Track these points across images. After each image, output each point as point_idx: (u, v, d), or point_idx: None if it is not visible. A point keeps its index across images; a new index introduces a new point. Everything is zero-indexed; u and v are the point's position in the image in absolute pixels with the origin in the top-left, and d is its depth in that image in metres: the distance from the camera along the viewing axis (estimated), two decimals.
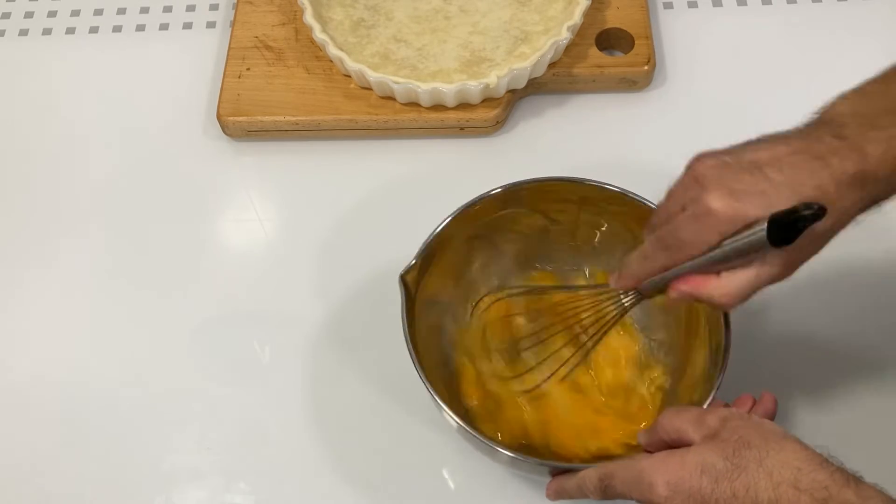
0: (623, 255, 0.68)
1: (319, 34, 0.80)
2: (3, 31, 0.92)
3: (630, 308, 0.61)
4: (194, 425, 0.70)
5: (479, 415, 0.65)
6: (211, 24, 0.91)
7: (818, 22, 0.87)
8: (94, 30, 0.91)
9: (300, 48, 0.84)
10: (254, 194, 0.81)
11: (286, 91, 0.82)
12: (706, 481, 0.47)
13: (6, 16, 0.93)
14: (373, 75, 0.77)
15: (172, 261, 0.77)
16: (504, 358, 0.68)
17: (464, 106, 0.79)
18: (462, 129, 0.80)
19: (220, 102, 0.81)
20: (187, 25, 0.91)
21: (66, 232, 0.79)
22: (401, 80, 0.77)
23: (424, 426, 0.67)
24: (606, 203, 0.66)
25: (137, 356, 0.73)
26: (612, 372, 0.67)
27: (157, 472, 0.68)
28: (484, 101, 0.79)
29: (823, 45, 0.86)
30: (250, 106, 0.81)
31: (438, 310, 0.67)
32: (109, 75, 0.88)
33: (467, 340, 0.68)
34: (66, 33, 0.91)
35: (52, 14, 0.92)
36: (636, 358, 0.67)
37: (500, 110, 0.80)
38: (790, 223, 0.48)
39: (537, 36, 0.81)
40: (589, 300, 0.64)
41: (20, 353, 0.74)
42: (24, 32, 0.91)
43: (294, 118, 0.80)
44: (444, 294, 0.67)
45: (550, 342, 0.67)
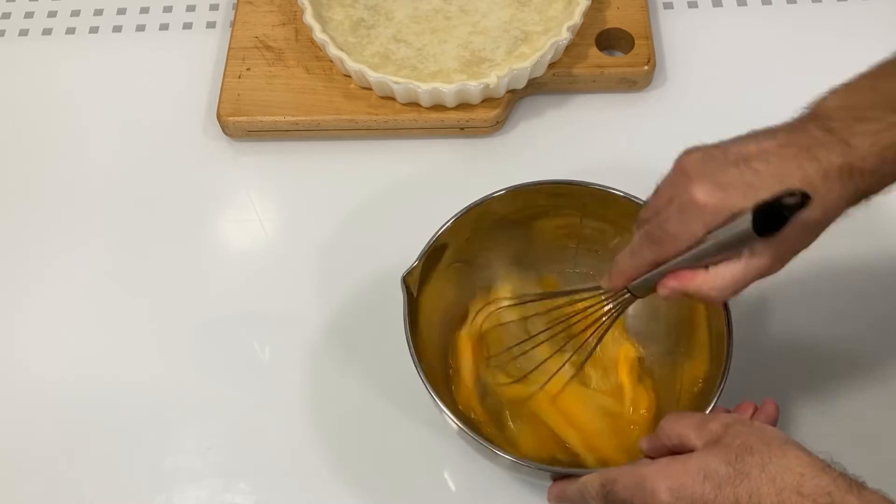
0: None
1: (319, 34, 0.80)
2: (3, 31, 0.92)
3: (623, 310, 0.61)
4: (194, 425, 0.70)
5: (481, 420, 0.65)
6: (211, 24, 0.91)
7: (818, 22, 0.87)
8: (94, 30, 0.91)
9: (300, 48, 0.84)
10: (254, 194, 0.81)
11: (286, 91, 0.82)
12: (709, 487, 0.47)
13: (6, 16, 0.93)
14: (373, 75, 0.77)
15: (172, 261, 0.77)
16: (500, 367, 0.67)
17: (464, 106, 0.79)
18: (462, 129, 0.81)
19: (220, 102, 0.81)
20: (187, 25, 0.91)
21: (66, 232, 0.79)
22: (401, 80, 0.77)
23: (425, 427, 0.67)
24: (609, 206, 0.66)
25: (137, 356, 0.73)
26: (608, 380, 0.67)
27: (157, 472, 0.68)
28: (484, 101, 0.79)
29: (823, 45, 0.86)
30: (250, 106, 0.81)
31: (440, 311, 0.66)
32: (109, 75, 0.88)
33: (466, 346, 0.68)
34: (66, 33, 0.91)
35: (52, 14, 0.92)
36: (634, 366, 0.67)
37: (500, 110, 0.80)
38: (775, 212, 0.48)
39: (537, 36, 0.81)
40: (581, 304, 0.64)
41: (20, 354, 0.74)
42: (24, 32, 0.91)
43: (294, 118, 0.80)
44: (445, 295, 0.67)
45: (544, 349, 0.67)
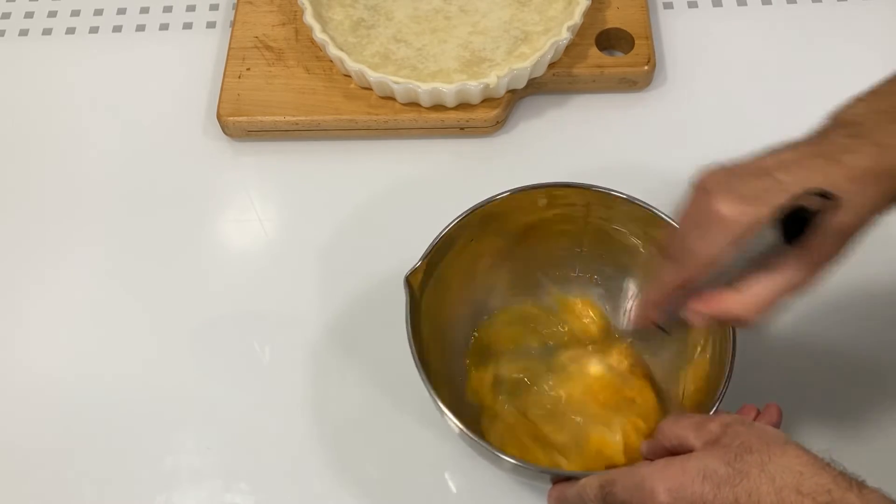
0: (626, 266, 0.68)
1: (319, 34, 0.80)
2: (3, 31, 0.92)
3: (646, 344, 0.59)
4: (194, 425, 0.70)
5: (485, 422, 0.65)
6: (211, 24, 0.91)
7: (818, 22, 0.87)
8: (94, 30, 0.91)
9: (300, 48, 0.84)
10: (254, 194, 0.81)
11: (286, 91, 0.82)
12: (708, 487, 0.47)
13: (6, 16, 0.92)
14: (373, 75, 0.77)
15: (172, 261, 0.77)
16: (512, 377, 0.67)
17: (464, 106, 0.79)
18: (462, 129, 0.80)
19: (220, 102, 0.81)
20: (187, 25, 0.91)
21: (65, 232, 0.79)
22: (401, 80, 0.77)
23: (426, 428, 0.67)
24: (613, 209, 0.65)
25: (137, 356, 0.73)
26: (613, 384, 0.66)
27: (157, 472, 0.68)
28: (484, 101, 0.79)
29: (823, 45, 0.86)
30: (250, 106, 0.81)
31: (443, 313, 0.66)
32: (109, 75, 0.88)
33: (475, 345, 0.68)
34: (66, 33, 0.91)
35: (52, 14, 0.92)
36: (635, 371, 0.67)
37: (500, 110, 0.80)
38: (801, 216, 0.46)
39: (537, 36, 0.81)
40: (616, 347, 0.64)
41: (20, 354, 0.74)
42: (24, 32, 0.91)
43: (294, 118, 0.80)
44: (449, 297, 0.67)
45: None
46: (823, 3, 0.89)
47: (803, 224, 0.46)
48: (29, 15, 0.92)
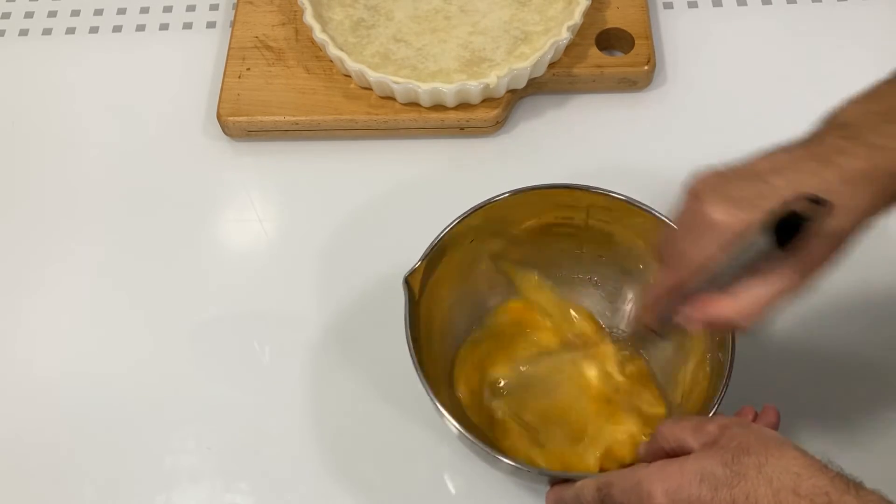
0: (626, 269, 0.68)
1: (319, 34, 0.80)
2: (3, 31, 0.92)
3: (644, 348, 0.59)
4: (194, 425, 0.70)
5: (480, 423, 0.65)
6: (211, 24, 0.91)
7: (818, 22, 0.87)
8: (94, 30, 0.91)
9: (300, 48, 0.84)
10: (254, 194, 0.81)
11: (286, 91, 0.82)
12: (705, 489, 0.47)
13: (6, 16, 0.92)
14: (373, 75, 0.77)
15: (172, 261, 0.77)
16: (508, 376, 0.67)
17: (464, 106, 0.79)
18: (462, 129, 0.81)
19: (220, 102, 0.81)
20: (187, 25, 0.91)
21: (65, 232, 0.79)
22: (401, 80, 0.77)
23: (425, 429, 0.67)
24: (614, 212, 0.65)
25: (137, 356, 0.73)
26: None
27: (157, 472, 0.68)
28: (484, 101, 0.79)
29: (823, 46, 0.86)
30: (250, 106, 0.81)
31: (442, 314, 0.66)
32: (109, 75, 0.88)
33: (474, 347, 0.68)
34: (66, 33, 0.91)
35: (52, 14, 0.92)
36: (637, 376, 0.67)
37: (500, 110, 0.80)
38: (794, 222, 0.46)
39: (537, 36, 0.81)
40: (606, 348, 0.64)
41: (20, 354, 0.74)
42: (24, 32, 0.91)
43: (294, 118, 0.80)
44: (447, 298, 0.67)
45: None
46: (823, 3, 0.89)
47: (796, 229, 0.46)
48: (29, 15, 0.92)
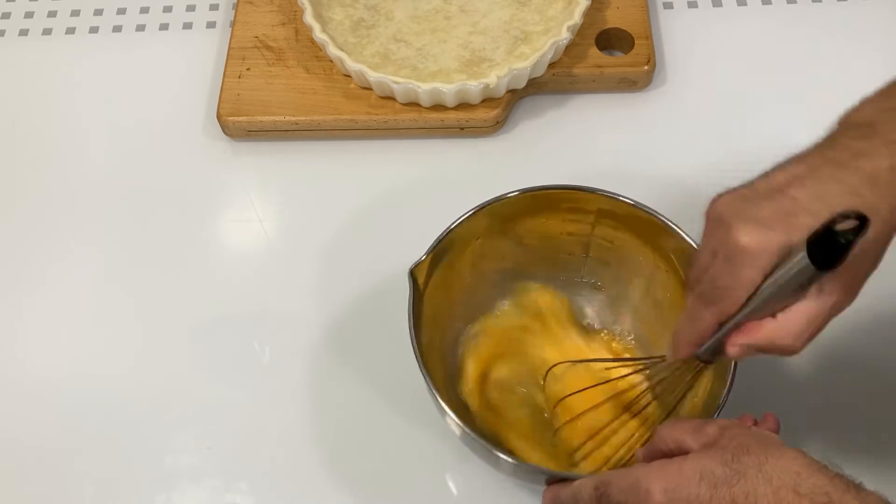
0: (631, 273, 0.67)
1: (319, 34, 0.80)
2: (3, 31, 0.92)
3: (695, 380, 0.58)
4: (194, 425, 0.70)
5: (483, 421, 0.65)
6: (211, 24, 0.91)
7: (818, 22, 0.87)
8: (94, 30, 0.91)
9: (300, 48, 0.84)
10: (254, 194, 0.81)
11: (286, 91, 0.82)
12: (704, 488, 0.46)
13: (6, 16, 0.92)
14: (373, 75, 0.77)
15: (172, 261, 0.77)
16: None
17: (464, 106, 0.79)
18: (462, 129, 0.80)
19: (220, 102, 0.81)
20: (187, 25, 0.91)
21: (65, 231, 0.79)
22: (401, 80, 0.77)
23: (427, 429, 0.67)
24: (621, 216, 0.64)
25: (137, 356, 0.73)
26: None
27: (157, 472, 0.68)
28: (484, 101, 0.79)
29: (823, 46, 0.86)
30: (250, 106, 0.81)
31: (445, 311, 0.66)
32: (109, 75, 0.88)
33: (475, 345, 0.68)
34: (66, 33, 0.91)
35: (52, 14, 0.92)
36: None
37: (500, 110, 0.80)
38: (832, 241, 0.43)
39: (537, 36, 0.81)
40: (646, 378, 0.63)
41: (20, 354, 0.74)
42: (24, 32, 0.91)
43: (294, 118, 0.80)
44: (451, 295, 0.66)
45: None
46: (823, 3, 0.89)
47: (834, 244, 0.44)
48: (29, 15, 0.92)
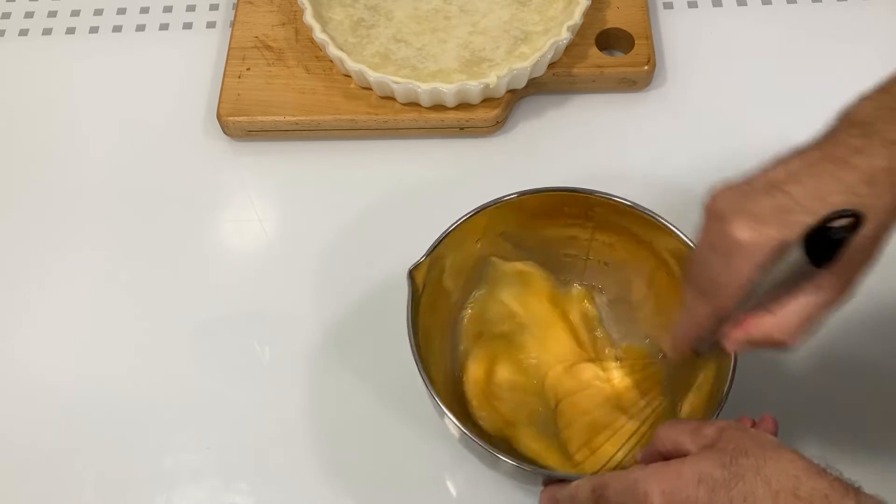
0: (631, 274, 0.67)
1: (319, 34, 0.80)
2: (3, 31, 0.92)
3: (695, 379, 0.58)
4: (194, 425, 0.70)
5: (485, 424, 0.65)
6: (211, 24, 0.91)
7: (818, 22, 0.87)
8: (94, 30, 0.91)
9: (300, 48, 0.84)
10: (254, 194, 0.81)
11: (286, 91, 0.82)
12: (703, 490, 0.46)
13: (6, 16, 0.92)
14: (373, 75, 0.77)
15: (172, 261, 0.77)
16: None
17: (464, 106, 0.79)
18: (462, 129, 0.81)
19: (220, 102, 0.81)
20: (187, 25, 0.91)
21: (65, 232, 0.79)
22: (401, 80, 0.77)
23: (426, 430, 0.67)
24: (620, 217, 0.64)
25: (137, 356, 0.73)
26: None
27: (157, 472, 0.68)
28: (484, 101, 0.79)
29: (823, 46, 0.86)
30: (250, 106, 0.81)
31: (443, 312, 0.66)
32: (109, 75, 0.88)
33: (474, 346, 0.68)
34: (66, 33, 0.91)
35: (52, 14, 0.92)
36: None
37: (500, 110, 0.80)
38: (827, 236, 0.44)
39: (537, 36, 0.81)
40: (646, 373, 0.63)
41: (20, 354, 0.74)
42: (24, 32, 0.91)
43: (294, 118, 0.80)
44: (449, 297, 0.66)
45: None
46: (823, 2, 0.89)
47: (829, 240, 0.44)
48: (29, 15, 0.92)
